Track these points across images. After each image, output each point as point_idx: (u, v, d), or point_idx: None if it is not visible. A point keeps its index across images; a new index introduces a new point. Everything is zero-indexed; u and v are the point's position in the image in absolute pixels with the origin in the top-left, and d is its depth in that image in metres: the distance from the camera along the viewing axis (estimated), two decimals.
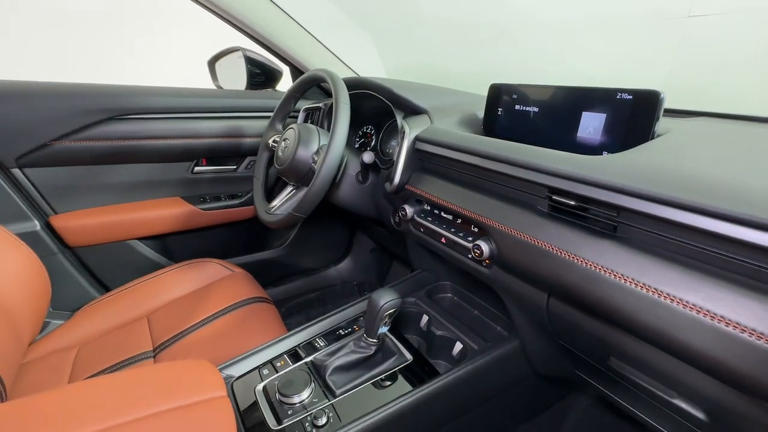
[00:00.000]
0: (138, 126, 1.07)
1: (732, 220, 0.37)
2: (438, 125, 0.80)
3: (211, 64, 1.36)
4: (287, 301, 1.42)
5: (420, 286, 0.88)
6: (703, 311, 0.38)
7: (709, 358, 0.38)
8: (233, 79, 1.29)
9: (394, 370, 0.68)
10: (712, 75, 0.84)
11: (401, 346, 0.72)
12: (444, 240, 0.72)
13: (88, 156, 1.04)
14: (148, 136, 1.09)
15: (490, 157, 0.63)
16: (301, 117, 1.15)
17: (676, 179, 0.42)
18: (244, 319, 0.88)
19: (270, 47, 1.23)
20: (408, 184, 0.81)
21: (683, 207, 0.40)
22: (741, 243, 0.36)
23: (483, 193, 0.66)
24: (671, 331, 0.40)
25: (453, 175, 0.73)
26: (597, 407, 0.92)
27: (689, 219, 0.39)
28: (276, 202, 0.95)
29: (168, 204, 1.18)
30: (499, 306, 0.75)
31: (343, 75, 0.95)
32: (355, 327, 0.78)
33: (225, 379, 0.62)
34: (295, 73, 1.32)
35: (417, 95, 0.89)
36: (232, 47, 1.29)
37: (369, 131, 1.12)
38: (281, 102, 1.03)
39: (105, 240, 1.10)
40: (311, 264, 1.50)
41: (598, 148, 0.61)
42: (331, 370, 0.66)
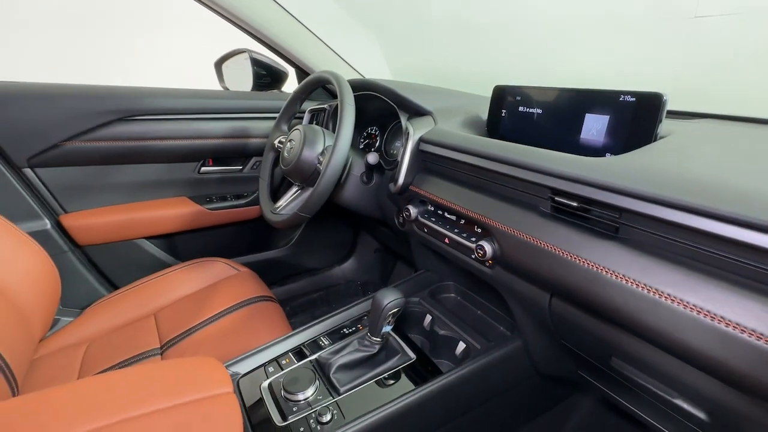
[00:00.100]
0: (146, 127, 1.09)
1: (732, 222, 0.37)
2: (442, 127, 0.81)
3: (218, 65, 1.38)
4: (292, 300, 1.43)
5: (423, 286, 0.89)
6: (704, 312, 0.38)
7: (709, 358, 0.39)
8: (239, 81, 1.30)
9: (397, 368, 0.68)
10: (718, 75, 0.84)
11: (404, 345, 0.73)
12: (447, 240, 0.73)
13: (97, 156, 1.06)
14: (156, 136, 1.10)
15: (493, 159, 0.63)
16: (307, 118, 1.16)
17: (677, 181, 0.43)
18: (249, 318, 0.89)
19: (276, 49, 1.24)
20: (412, 184, 0.82)
21: (684, 209, 0.40)
22: (741, 245, 0.37)
23: (486, 194, 0.66)
24: (672, 331, 0.41)
25: (456, 176, 0.74)
26: (600, 408, 0.92)
27: (690, 221, 0.40)
28: (281, 202, 0.96)
29: (175, 204, 1.19)
30: (502, 306, 0.76)
31: (349, 77, 0.96)
32: (359, 326, 0.79)
33: (231, 376, 0.63)
34: (301, 75, 1.34)
35: (421, 97, 0.90)
36: (238, 49, 1.30)
37: (374, 132, 1.12)
38: (287, 103, 1.04)
39: (113, 239, 1.12)
40: (316, 264, 1.52)
41: (601, 149, 0.62)
42: (336, 368, 0.67)
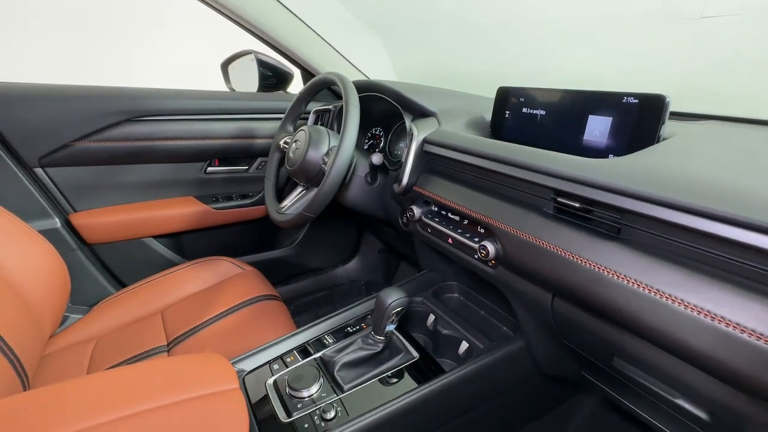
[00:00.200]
0: (154, 127, 1.10)
1: (733, 223, 0.37)
2: (446, 128, 0.81)
3: (224, 66, 1.39)
4: (296, 300, 1.44)
5: (427, 285, 0.89)
6: (704, 312, 0.39)
7: (710, 357, 0.39)
8: (245, 82, 1.32)
9: (400, 367, 0.69)
10: (725, 76, 0.84)
11: (408, 344, 0.74)
12: (451, 240, 0.73)
13: (106, 156, 1.07)
14: (163, 137, 1.12)
15: (496, 160, 0.64)
16: (312, 119, 1.18)
17: (679, 182, 0.43)
18: (254, 316, 0.90)
19: (281, 50, 1.25)
20: (416, 185, 0.83)
21: (685, 210, 0.41)
22: (742, 245, 0.37)
23: (489, 195, 0.67)
24: (672, 331, 0.41)
25: (460, 177, 0.75)
26: (603, 409, 0.92)
27: (691, 222, 0.40)
28: (287, 202, 0.97)
29: (182, 203, 1.21)
30: (505, 306, 0.76)
31: (353, 78, 0.97)
32: (363, 325, 0.79)
33: (237, 373, 0.64)
34: (306, 76, 1.35)
35: (425, 98, 0.90)
36: (244, 50, 1.31)
37: (378, 133, 1.13)
38: (292, 104, 1.05)
39: (121, 237, 1.14)
40: (320, 263, 1.53)
41: (604, 151, 0.62)
42: (340, 366, 0.67)
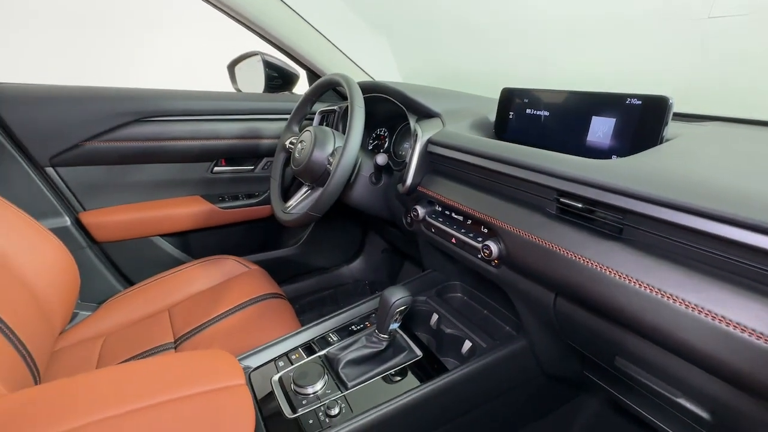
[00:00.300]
0: (162, 128, 1.12)
1: (733, 223, 0.38)
2: (450, 128, 0.82)
3: (231, 67, 1.41)
4: (301, 299, 1.46)
5: (431, 285, 0.90)
6: (705, 311, 0.39)
7: (711, 357, 0.39)
8: (251, 83, 1.33)
9: (404, 365, 0.70)
10: (732, 77, 0.84)
11: (411, 342, 0.74)
12: (454, 240, 0.74)
13: (115, 156, 1.09)
14: (171, 137, 1.14)
15: (500, 160, 0.64)
16: (317, 119, 1.19)
17: (680, 183, 0.44)
18: (260, 314, 0.91)
19: (287, 51, 1.26)
20: (420, 185, 0.84)
21: (686, 210, 0.41)
22: (742, 246, 0.37)
23: (493, 195, 0.67)
24: (674, 331, 0.41)
25: (464, 177, 0.75)
26: (606, 410, 0.92)
27: (692, 222, 0.41)
28: (292, 201, 0.98)
29: (189, 202, 1.22)
30: (508, 306, 0.76)
31: (359, 79, 0.97)
32: (367, 323, 0.80)
33: (243, 369, 0.65)
34: (312, 77, 1.36)
35: (430, 99, 0.91)
36: (251, 51, 1.33)
37: (382, 134, 1.14)
38: (298, 105, 1.07)
39: (129, 236, 1.16)
40: (324, 263, 1.54)
41: (607, 152, 0.62)
42: (344, 363, 0.68)
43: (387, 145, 1.12)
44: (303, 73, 1.36)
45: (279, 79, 1.31)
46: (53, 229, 0.90)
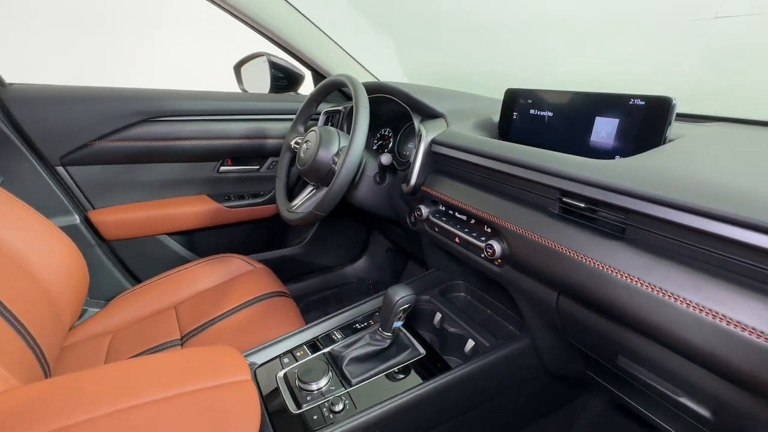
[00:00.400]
0: (169, 127, 1.14)
1: (734, 222, 0.38)
2: (454, 129, 0.82)
3: (237, 68, 1.42)
4: (305, 297, 1.47)
5: (434, 284, 0.91)
6: (706, 310, 0.39)
7: (711, 355, 0.40)
8: (257, 83, 1.34)
9: (407, 363, 0.70)
10: (738, 77, 0.84)
11: (415, 340, 0.75)
12: (458, 239, 0.75)
13: (123, 155, 1.11)
14: (178, 137, 1.15)
15: (503, 161, 0.65)
16: (322, 120, 1.20)
17: (682, 183, 0.44)
18: (265, 312, 0.92)
19: (293, 52, 1.28)
20: (424, 185, 0.84)
21: (688, 210, 0.41)
22: (743, 245, 0.38)
23: (496, 195, 0.68)
24: (675, 329, 0.42)
25: (467, 177, 0.76)
26: (609, 410, 0.92)
27: (693, 221, 0.41)
28: (297, 201, 0.99)
29: (195, 202, 1.24)
30: (511, 305, 0.77)
31: (363, 79, 0.98)
32: (371, 321, 0.81)
33: (248, 365, 0.66)
34: (317, 78, 1.37)
35: (434, 99, 0.92)
36: (256, 52, 1.34)
37: (387, 134, 1.15)
38: (303, 105, 1.08)
39: (137, 234, 1.17)
40: (329, 262, 1.55)
41: (610, 152, 0.63)
42: (348, 360, 0.69)
43: (391, 145, 1.12)
44: (308, 74, 1.37)
45: (284, 80, 1.32)
46: (63, 227, 0.92)
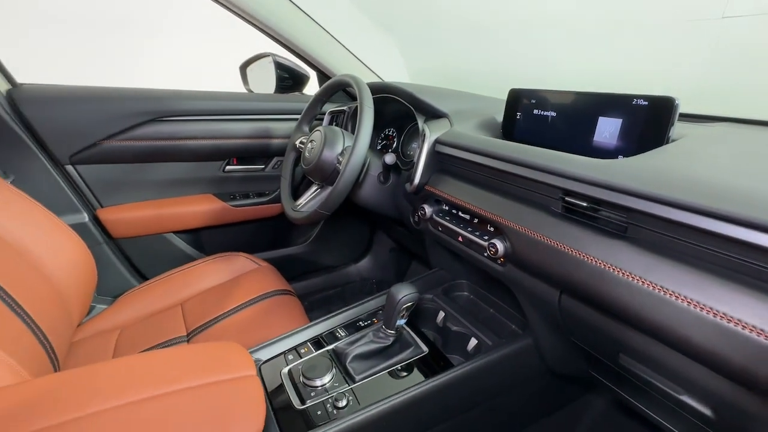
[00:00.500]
0: (176, 127, 1.15)
1: (734, 221, 0.38)
2: (457, 129, 0.83)
3: (243, 68, 1.44)
4: (309, 296, 1.48)
5: (437, 283, 0.91)
6: (706, 308, 0.40)
7: (712, 353, 0.40)
8: (263, 83, 1.36)
9: (410, 360, 0.71)
10: (745, 77, 0.83)
11: (418, 338, 0.75)
12: (461, 238, 0.75)
13: (131, 154, 1.12)
14: (185, 136, 1.17)
15: (506, 160, 0.65)
16: (327, 119, 1.21)
17: (684, 183, 0.44)
18: (269, 310, 0.93)
19: (298, 53, 1.29)
20: (427, 184, 0.85)
21: (688, 209, 0.42)
22: (744, 244, 0.38)
23: (499, 194, 0.68)
24: (676, 327, 0.42)
25: (471, 177, 0.76)
26: (612, 410, 0.92)
27: (694, 220, 0.41)
28: (302, 200, 1.00)
29: (201, 200, 1.25)
30: (514, 304, 0.77)
31: (368, 80, 0.99)
32: (374, 319, 0.82)
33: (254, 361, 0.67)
34: (322, 78, 1.38)
35: (438, 99, 0.92)
36: (262, 53, 1.35)
37: (391, 134, 1.15)
38: (308, 105, 1.09)
39: (144, 232, 1.19)
40: (333, 261, 1.56)
41: (613, 152, 0.63)
42: (351, 357, 0.70)
43: (395, 145, 1.13)
44: (313, 74, 1.38)
45: (290, 80, 1.34)
46: (72, 225, 0.93)
